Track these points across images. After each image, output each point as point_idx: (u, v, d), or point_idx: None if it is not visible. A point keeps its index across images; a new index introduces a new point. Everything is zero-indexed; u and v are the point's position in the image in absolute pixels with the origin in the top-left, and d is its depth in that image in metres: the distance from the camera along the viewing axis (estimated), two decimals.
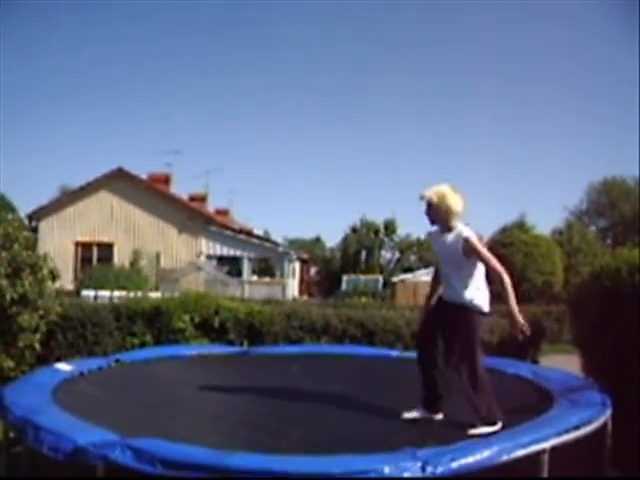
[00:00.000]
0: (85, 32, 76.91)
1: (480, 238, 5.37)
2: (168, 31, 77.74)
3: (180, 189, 33.15)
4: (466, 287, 5.15)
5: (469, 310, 5.14)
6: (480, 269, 5.19)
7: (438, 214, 5.14)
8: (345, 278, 36.80)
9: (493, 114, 77.02)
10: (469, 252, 5.06)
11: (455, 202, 5.11)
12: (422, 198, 5.17)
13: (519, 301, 5.20)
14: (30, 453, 4.68)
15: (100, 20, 71.94)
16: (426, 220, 5.30)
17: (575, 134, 79.36)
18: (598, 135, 79.37)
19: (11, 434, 4.94)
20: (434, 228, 5.35)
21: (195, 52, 77.02)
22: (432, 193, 5.13)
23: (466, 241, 5.03)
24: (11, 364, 8.44)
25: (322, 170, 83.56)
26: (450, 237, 5.15)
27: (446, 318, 5.20)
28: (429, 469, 3.39)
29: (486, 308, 5.23)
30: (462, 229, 5.13)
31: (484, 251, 5.12)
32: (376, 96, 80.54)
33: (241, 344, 9.38)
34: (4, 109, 75.58)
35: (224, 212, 36.88)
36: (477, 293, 5.18)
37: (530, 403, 5.21)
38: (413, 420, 5.08)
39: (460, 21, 75.21)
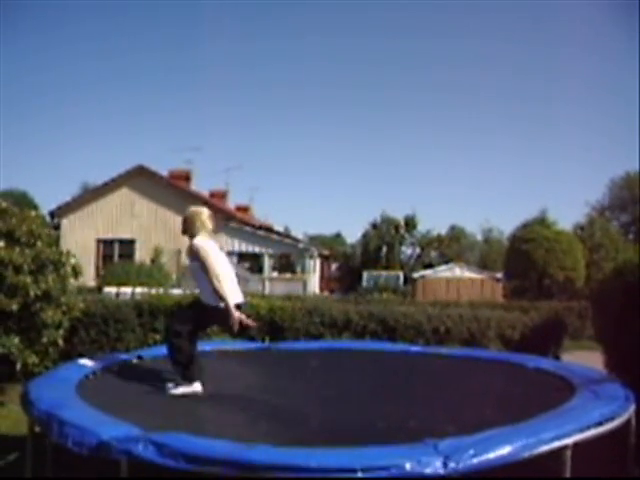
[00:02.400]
0: (105, 28, 77.32)
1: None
2: (189, 28, 78.05)
3: (201, 186, 33.30)
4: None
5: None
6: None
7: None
8: (366, 274, 36.76)
9: (513, 111, 76.70)
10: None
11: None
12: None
13: (542, 296, 5.20)
14: (55, 447, 4.73)
15: (121, 14, 72.42)
16: (446, 216, 5.53)
17: (596, 129, 78.80)
18: (619, 130, 78.68)
19: (37, 428, 4.99)
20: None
21: (216, 49, 77.31)
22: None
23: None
24: (36, 360, 8.52)
25: (342, 166, 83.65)
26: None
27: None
28: (451, 464, 3.38)
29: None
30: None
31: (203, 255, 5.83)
32: (397, 91, 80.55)
33: (262, 340, 9.41)
34: (26, 108, 76.18)
35: (245, 209, 36.95)
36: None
37: (551, 395, 5.16)
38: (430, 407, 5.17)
39: (472, 17, 74.88)
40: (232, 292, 5.88)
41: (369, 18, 78.29)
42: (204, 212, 6.16)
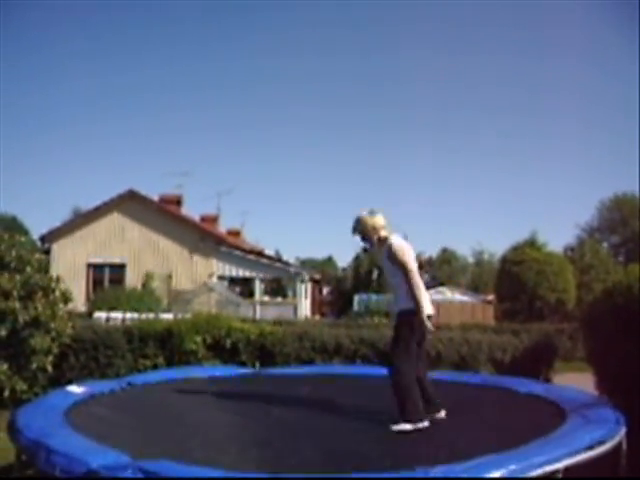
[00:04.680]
0: (95, 51, 77.56)
1: (419, 255, 5.68)
2: (179, 51, 78.43)
3: (192, 210, 33.28)
4: (400, 293, 5.55)
5: (402, 313, 5.53)
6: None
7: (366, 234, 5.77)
8: (357, 297, 36.69)
9: (504, 132, 77.22)
10: (392, 259, 5.54)
11: (375, 219, 5.76)
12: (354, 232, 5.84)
13: (533, 318, 5.29)
14: (42, 476, 4.68)
15: (112, 37, 72.79)
16: (437, 239, 5.49)
17: (585, 150, 79.34)
18: (609, 151, 79.32)
19: (23, 457, 4.93)
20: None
21: (205, 72, 77.65)
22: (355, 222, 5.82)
23: (389, 248, 5.56)
24: (24, 386, 8.46)
25: (333, 189, 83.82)
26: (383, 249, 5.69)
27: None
28: None
29: (427, 310, 5.51)
30: (392, 238, 5.67)
31: (401, 255, 5.52)
32: (388, 111, 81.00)
33: (253, 365, 9.38)
34: (16, 132, 76.25)
35: (236, 233, 36.90)
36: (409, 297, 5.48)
37: (542, 421, 5.16)
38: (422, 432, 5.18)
39: (463, 27, 75.53)
40: (426, 300, 5.58)
41: (362, 35, 78.94)
42: (378, 215, 5.81)
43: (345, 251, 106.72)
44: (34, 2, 59.40)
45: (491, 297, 28.76)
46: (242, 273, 27.89)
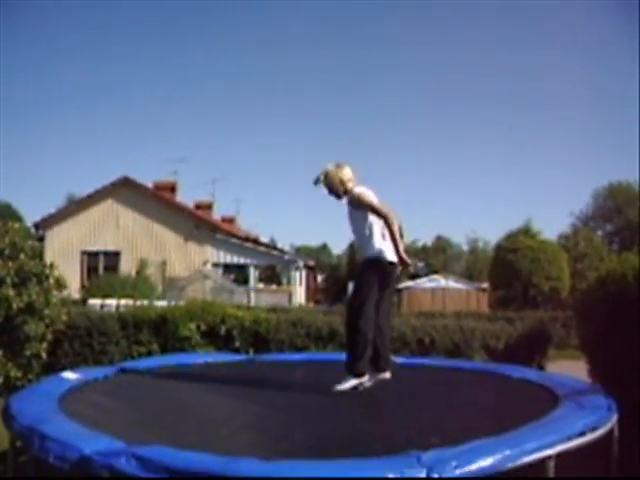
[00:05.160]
0: (89, 38, 77.21)
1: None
2: (174, 39, 78.09)
3: (186, 197, 33.25)
4: (365, 241, 5.55)
5: (366, 261, 5.54)
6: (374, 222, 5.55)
7: (333, 187, 5.75)
8: (351, 285, 36.72)
9: (498, 120, 77.18)
10: (357, 205, 5.56)
11: (344, 172, 5.76)
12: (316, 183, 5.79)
13: (527, 306, 5.33)
14: (36, 462, 4.69)
15: (104, 27, 72.46)
16: (432, 227, 5.52)
17: (580, 139, 79.38)
18: (604, 140, 79.37)
19: (18, 443, 4.94)
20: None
21: (200, 58, 77.37)
22: (321, 174, 5.79)
23: (352, 196, 5.58)
24: (18, 373, 8.47)
25: None
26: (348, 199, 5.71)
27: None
28: (434, 476, 3.38)
29: (388, 257, 5.51)
30: (355, 189, 5.67)
31: (369, 200, 5.53)
32: (381, 100, 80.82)
33: (247, 352, 9.39)
34: (9, 118, 75.89)
35: (230, 220, 36.90)
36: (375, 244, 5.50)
37: (535, 406, 5.19)
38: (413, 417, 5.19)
39: (458, 20, 75.39)
40: (389, 247, 5.53)
41: (355, 28, 78.67)
42: (346, 168, 5.81)
43: (340, 238, 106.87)
44: None
45: (485, 285, 28.82)
46: (236, 260, 27.93)
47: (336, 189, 5.74)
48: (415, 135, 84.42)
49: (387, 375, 5.60)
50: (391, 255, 5.55)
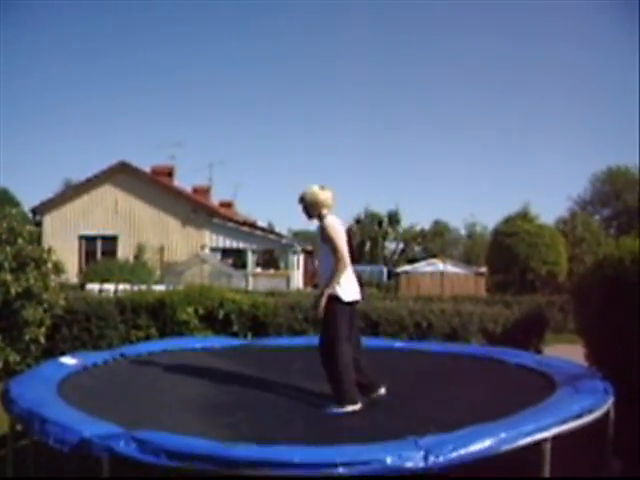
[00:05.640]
0: (86, 27, 76.85)
1: (350, 228, 5.60)
2: (170, 23, 77.71)
3: (184, 181, 33.17)
4: (326, 275, 5.48)
5: (331, 297, 5.42)
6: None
7: (308, 206, 5.69)
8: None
9: (495, 105, 77.01)
10: (323, 237, 5.49)
11: (324, 195, 5.66)
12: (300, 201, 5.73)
13: (525, 291, 5.35)
14: (36, 445, 4.72)
15: (101, 14, 72.03)
16: (430, 211, 5.49)
17: (578, 123, 79.32)
18: (602, 124, 79.30)
19: (17, 427, 4.97)
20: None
21: (197, 44, 77.04)
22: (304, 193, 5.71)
23: (322, 228, 5.49)
24: (17, 358, 8.49)
25: (326, 162, 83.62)
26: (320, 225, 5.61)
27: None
28: (431, 458, 3.41)
29: (346, 297, 5.47)
30: (327, 218, 5.58)
31: (334, 237, 5.43)
32: (380, 87, 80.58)
33: (245, 336, 9.42)
34: (8, 105, 75.58)
35: (228, 204, 36.83)
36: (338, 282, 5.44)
37: (532, 390, 5.23)
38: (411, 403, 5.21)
39: (456, 14, 75.14)
40: (350, 286, 5.56)
41: (355, 15, 78.30)
42: (325, 191, 5.72)
43: None
44: None
45: (483, 269, 28.86)
46: (234, 245, 27.90)
47: (311, 210, 5.67)
48: (413, 121, 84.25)
49: (382, 391, 5.57)
50: (353, 294, 5.59)
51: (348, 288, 5.51)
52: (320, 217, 5.62)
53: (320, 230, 5.54)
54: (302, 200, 5.70)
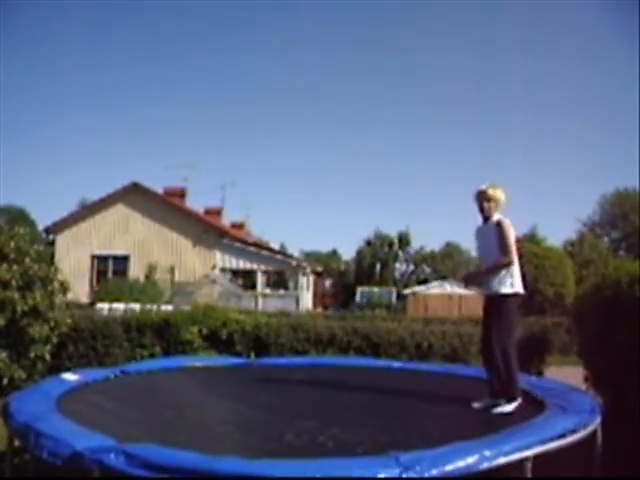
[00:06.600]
0: (100, 44, 77.75)
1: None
2: (183, 43, 78.49)
3: (196, 203, 33.44)
4: (499, 275, 5.78)
5: (503, 295, 5.73)
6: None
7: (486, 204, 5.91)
8: (359, 290, 36.91)
9: (505, 126, 77.01)
10: (499, 235, 5.75)
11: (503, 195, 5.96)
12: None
13: (533, 313, 5.61)
14: (35, 459, 4.83)
15: (117, 30, 72.90)
16: (442, 232, 5.71)
17: (587, 146, 79.12)
18: (610, 147, 79.11)
19: (16, 442, 5.08)
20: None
21: (210, 65, 77.67)
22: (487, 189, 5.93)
23: (499, 224, 5.75)
24: (23, 375, 8.61)
25: (339, 183, 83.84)
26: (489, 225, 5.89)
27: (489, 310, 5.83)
28: (410, 475, 3.49)
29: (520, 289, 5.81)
30: (506, 218, 5.86)
31: (508, 235, 5.76)
32: (391, 106, 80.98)
33: (248, 355, 9.52)
34: (25, 124, 76.52)
35: (240, 225, 37.11)
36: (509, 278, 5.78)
37: (520, 410, 5.32)
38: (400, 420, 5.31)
39: (465, 26, 75.42)
40: (518, 281, 5.85)
41: (363, 32, 78.85)
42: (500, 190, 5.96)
43: (350, 244, 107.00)
44: None
45: None
46: (244, 265, 28.05)
47: (489, 205, 5.90)
48: (424, 142, 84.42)
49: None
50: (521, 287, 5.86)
51: (517, 283, 5.80)
52: (489, 214, 5.88)
53: (496, 225, 5.78)
54: (483, 195, 5.89)
